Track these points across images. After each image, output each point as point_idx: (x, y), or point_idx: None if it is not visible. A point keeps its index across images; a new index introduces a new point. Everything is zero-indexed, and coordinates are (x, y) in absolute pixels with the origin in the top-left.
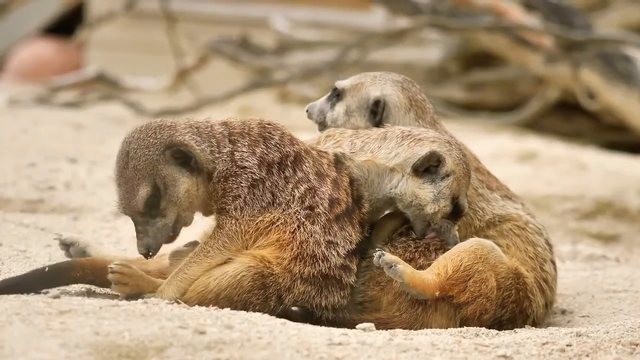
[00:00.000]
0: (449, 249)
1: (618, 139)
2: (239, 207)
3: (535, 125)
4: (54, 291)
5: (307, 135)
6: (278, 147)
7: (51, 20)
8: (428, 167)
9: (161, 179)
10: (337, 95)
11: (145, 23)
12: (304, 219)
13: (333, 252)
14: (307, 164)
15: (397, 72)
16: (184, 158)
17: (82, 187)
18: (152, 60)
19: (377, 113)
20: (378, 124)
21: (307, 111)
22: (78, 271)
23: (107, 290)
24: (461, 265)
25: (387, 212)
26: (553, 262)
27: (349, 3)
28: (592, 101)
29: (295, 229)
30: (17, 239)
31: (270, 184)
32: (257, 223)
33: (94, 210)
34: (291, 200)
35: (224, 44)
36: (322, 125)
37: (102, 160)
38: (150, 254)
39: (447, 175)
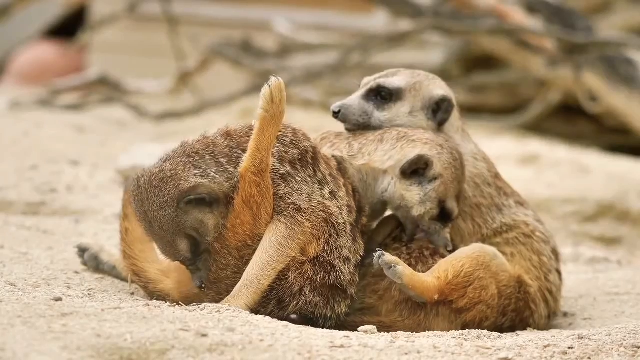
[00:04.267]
0: (445, 254)
1: (620, 141)
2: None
3: (537, 128)
4: (56, 294)
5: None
6: (295, 144)
7: (53, 23)
8: (416, 170)
9: (190, 228)
10: (386, 95)
11: (147, 26)
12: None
13: (346, 266)
14: (322, 164)
15: None
16: (198, 200)
17: (84, 189)
18: (154, 62)
19: (437, 112)
20: (443, 122)
21: (337, 112)
22: None
23: (109, 291)
24: (462, 271)
25: (381, 217)
26: (558, 272)
27: (351, 6)
28: (594, 104)
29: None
30: (19, 241)
31: (300, 179)
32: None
33: (95, 212)
34: (323, 200)
35: (225, 46)
36: (362, 127)
37: (104, 162)
38: (204, 286)
39: (435, 179)
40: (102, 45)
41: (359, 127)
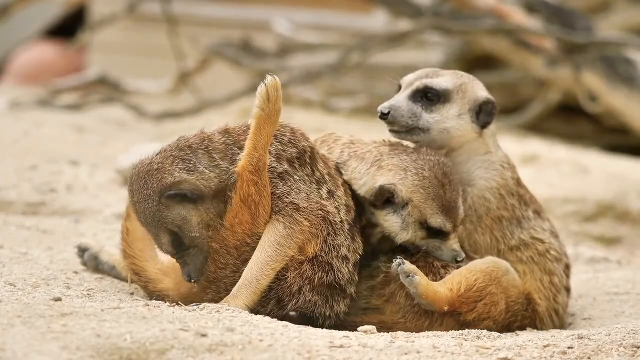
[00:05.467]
0: (461, 265)
1: (620, 141)
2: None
3: (536, 128)
4: (55, 293)
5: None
6: (293, 143)
7: (53, 23)
8: (387, 198)
9: (172, 224)
10: (432, 97)
11: (146, 26)
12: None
13: (344, 265)
14: (320, 164)
15: (399, 75)
16: (180, 195)
17: (84, 189)
18: (153, 62)
19: (478, 114)
20: (486, 125)
21: (385, 113)
22: None
23: (108, 291)
24: (474, 285)
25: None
26: (567, 289)
27: (351, 6)
28: (593, 104)
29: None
30: (18, 241)
31: (298, 178)
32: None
33: (95, 212)
34: (320, 199)
35: (225, 46)
36: (408, 130)
37: (103, 162)
38: (193, 280)
39: (406, 204)
40: (101, 45)
41: (406, 129)
